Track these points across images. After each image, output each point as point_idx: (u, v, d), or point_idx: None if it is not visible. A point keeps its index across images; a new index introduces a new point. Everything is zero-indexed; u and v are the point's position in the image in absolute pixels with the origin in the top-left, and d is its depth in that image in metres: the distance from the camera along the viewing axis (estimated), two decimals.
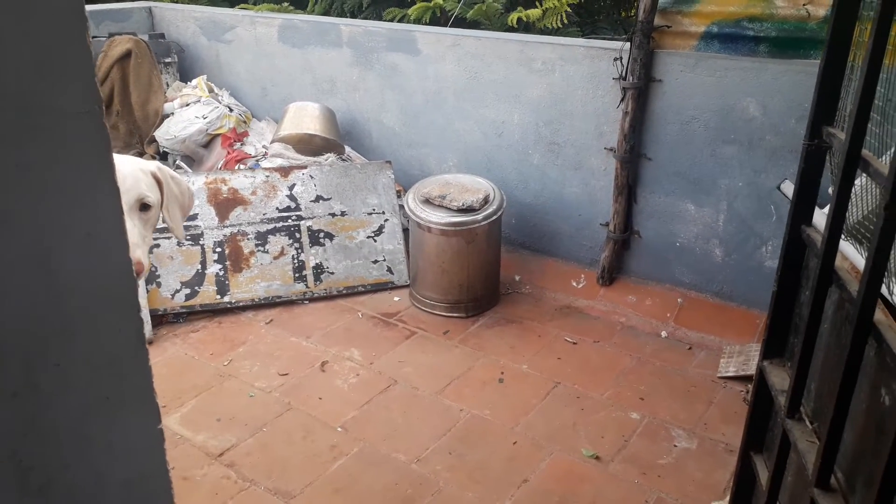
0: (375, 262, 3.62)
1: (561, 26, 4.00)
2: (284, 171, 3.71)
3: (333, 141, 4.02)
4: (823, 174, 1.36)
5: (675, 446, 2.46)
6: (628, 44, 3.05)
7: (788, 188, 2.69)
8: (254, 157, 4.18)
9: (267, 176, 3.68)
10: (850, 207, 1.17)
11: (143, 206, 1.80)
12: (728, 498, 2.09)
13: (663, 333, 3.15)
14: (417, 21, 4.27)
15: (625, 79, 3.09)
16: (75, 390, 0.96)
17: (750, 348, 2.89)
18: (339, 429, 2.58)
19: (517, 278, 3.60)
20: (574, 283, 3.49)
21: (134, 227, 1.75)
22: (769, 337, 1.31)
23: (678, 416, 2.61)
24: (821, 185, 1.51)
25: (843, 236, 1.11)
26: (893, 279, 1.03)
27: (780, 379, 1.27)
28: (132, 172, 1.78)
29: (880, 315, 0.92)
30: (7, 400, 0.88)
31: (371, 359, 3.00)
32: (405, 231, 3.67)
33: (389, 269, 3.63)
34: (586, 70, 3.24)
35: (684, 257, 3.23)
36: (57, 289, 0.94)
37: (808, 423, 1.14)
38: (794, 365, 1.15)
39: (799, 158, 2.57)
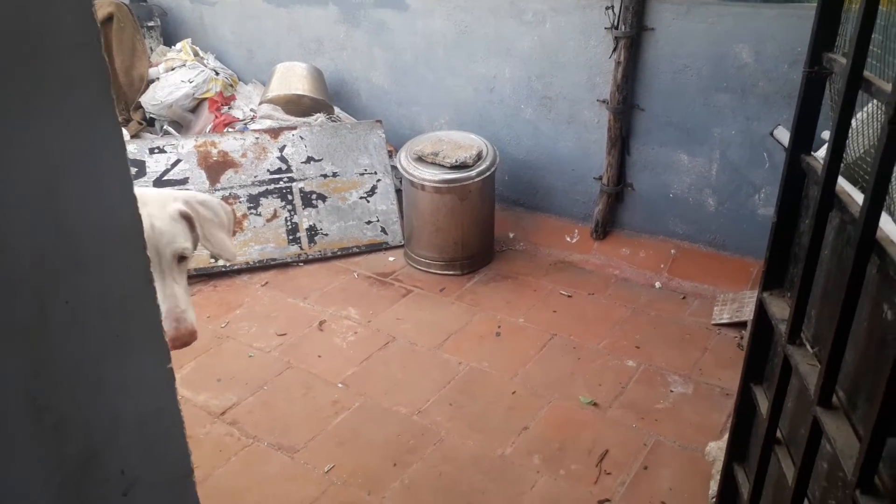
0: (369, 222, 3.61)
1: None
2: (274, 132, 3.67)
3: (322, 101, 3.97)
4: (819, 121, 1.35)
5: (672, 391, 2.50)
6: None
7: (782, 134, 2.69)
8: (242, 120, 4.13)
9: (257, 138, 3.64)
10: (846, 147, 1.17)
11: (181, 258, 1.64)
12: (727, 435, 2.13)
13: (657, 284, 3.17)
14: None
15: (617, 28, 3.05)
16: (86, 328, 0.96)
17: (743, 295, 2.92)
18: (340, 385, 2.59)
19: (511, 235, 3.60)
20: (568, 239, 3.50)
21: (179, 287, 1.61)
22: (769, 268, 1.32)
23: (674, 363, 2.64)
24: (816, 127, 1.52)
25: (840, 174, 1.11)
26: (894, 201, 1.04)
27: (779, 308, 1.28)
28: (165, 225, 1.61)
29: (881, 233, 0.92)
30: (20, 338, 0.87)
31: (368, 317, 3.01)
32: (398, 191, 3.65)
33: (383, 230, 3.63)
34: (578, 20, 3.20)
35: (677, 208, 3.23)
36: (65, 225, 0.92)
37: (808, 347, 1.16)
38: (794, 291, 1.16)
39: (794, 100, 2.57)
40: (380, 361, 2.73)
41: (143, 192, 1.61)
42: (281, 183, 3.57)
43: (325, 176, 3.63)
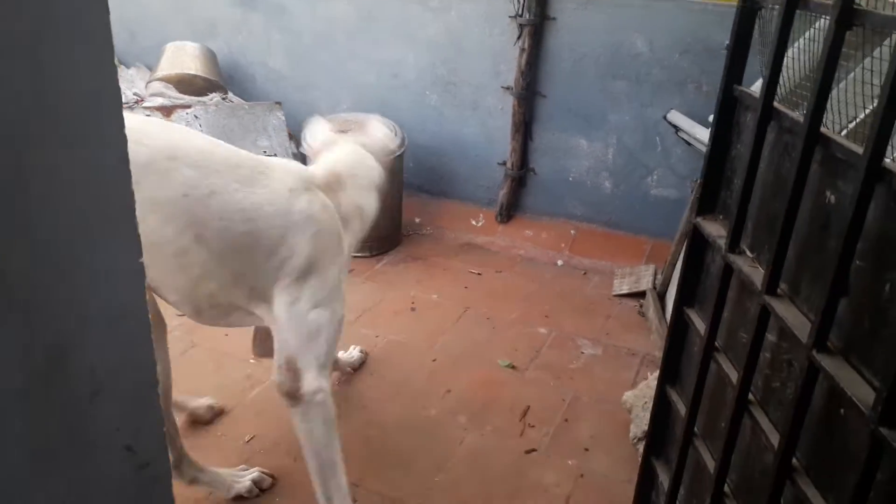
0: None
1: None
2: (167, 110, 3.47)
3: (216, 82, 3.82)
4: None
5: (583, 353, 2.61)
6: None
7: (675, 117, 2.93)
8: (126, 104, 3.87)
9: (148, 115, 3.42)
10: (781, 77, 1.30)
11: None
12: (642, 384, 2.26)
13: (559, 262, 3.32)
14: None
15: (521, 16, 3.19)
16: (61, 203, 0.87)
17: (639, 270, 3.12)
18: (252, 360, 2.48)
19: (417, 220, 3.63)
20: (473, 222, 3.57)
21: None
22: (703, 194, 1.43)
23: (582, 329, 2.77)
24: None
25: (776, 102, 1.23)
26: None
27: (715, 229, 1.39)
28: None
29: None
30: None
31: None
32: None
33: None
34: (482, 8, 3.31)
35: (576, 191, 3.41)
36: (47, 89, 0.85)
37: (748, 254, 1.27)
38: (733, 206, 1.27)
39: (685, 86, 2.77)
40: None
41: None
42: None
43: None
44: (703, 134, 2.59)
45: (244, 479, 1.89)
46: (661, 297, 2.85)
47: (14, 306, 0.82)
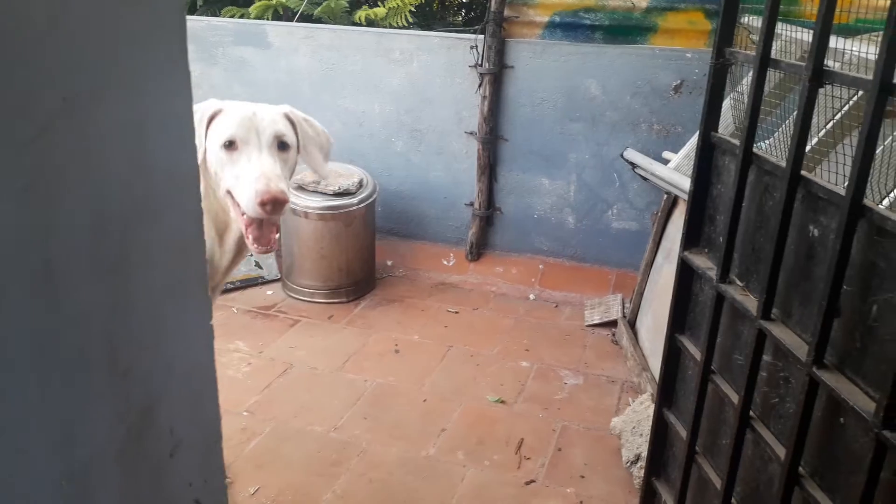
0: None
1: (406, 25, 4.21)
2: None
3: None
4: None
5: (566, 384, 2.73)
6: (482, 34, 3.33)
7: (631, 155, 3.12)
8: None
9: None
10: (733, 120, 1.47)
11: (281, 145, 1.71)
12: (627, 410, 2.38)
13: (531, 296, 3.45)
14: (259, 19, 4.23)
15: (481, 65, 3.36)
16: (154, 271, 0.95)
17: (607, 299, 3.27)
18: (245, 413, 2.49)
19: (389, 263, 3.71)
20: (445, 262, 3.68)
21: (275, 162, 1.67)
22: (688, 230, 1.58)
23: (561, 360, 2.88)
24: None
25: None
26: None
27: (702, 261, 1.53)
28: (266, 113, 1.73)
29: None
30: (105, 274, 0.85)
31: (259, 348, 2.92)
32: None
33: (258, 265, 3.55)
34: (443, 59, 3.47)
35: (542, 227, 3.56)
36: (145, 168, 0.93)
37: (738, 283, 1.41)
38: (718, 240, 1.41)
39: (638, 126, 2.97)
40: (282, 387, 2.66)
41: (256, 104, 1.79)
42: None
43: None
44: (660, 170, 2.78)
45: None
46: (632, 325, 3.00)
47: (116, 371, 0.88)
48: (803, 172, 1.19)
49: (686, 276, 1.60)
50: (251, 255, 3.52)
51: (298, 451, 2.29)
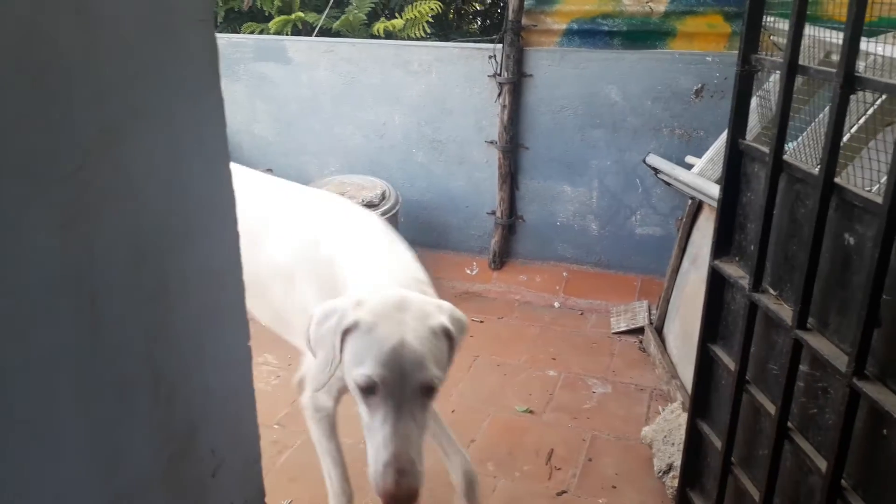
0: None
1: (424, 35, 4.23)
2: None
3: None
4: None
5: (594, 392, 2.71)
6: (500, 44, 3.34)
7: (654, 160, 3.11)
8: None
9: None
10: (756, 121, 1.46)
11: (427, 389, 1.30)
12: (658, 418, 2.37)
13: (556, 304, 3.43)
14: (278, 34, 4.28)
15: (500, 75, 3.37)
16: (193, 298, 0.96)
17: (633, 306, 3.25)
18: (276, 426, 2.51)
19: None
20: (468, 271, 3.68)
21: (415, 427, 1.30)
22: (718, 239, 1.57)
23: (589, 368, 2.87)
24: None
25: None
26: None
27: (733, 270, 1.52)
28: (422, 343, 1.27)
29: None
30: (145, 303, 0.87)
31: (288, 360, 2.94)
32: None
33: None
34: (462, 69, 3.48)
35: (564, 234, 3.55)
36: (182, 198, 0.94)
37: (771, 292, 1.40)
38: (749, 249, 1.40)
39: (659, 132, 2.96)
40: None
41: (405, 294, 1.36)
42: None
43: None
44: (684, 175, 2.76)
45: None
46: (659, 332, 2.97)
47: (159, 397, 0.89)
48: (837, 180, 1.18)
49: (717, 285, 1.59)
50: None
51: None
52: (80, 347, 0.80)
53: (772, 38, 1.53)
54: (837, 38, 1.14)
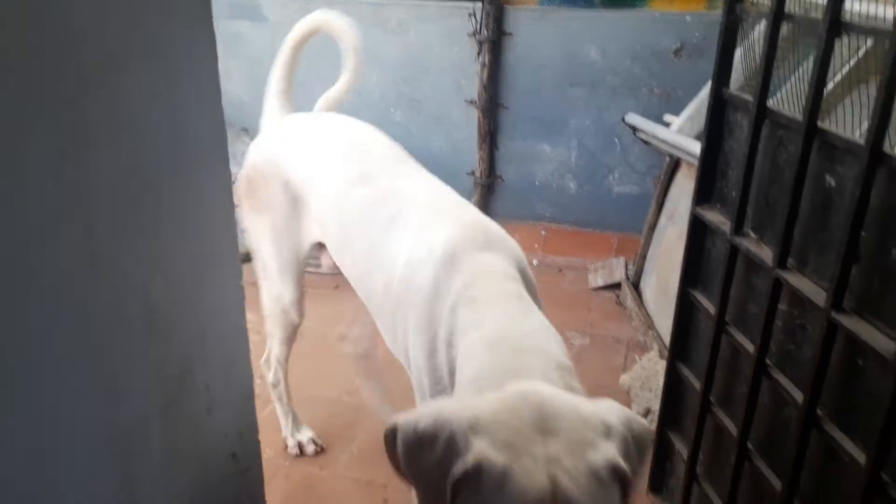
0: (244, 230, 3.52)
1: None
2: None
3: None
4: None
5: (573, 344, 2.78)
6: (480, 2, 3.31)
7: (633, 119, 3.14)
8: None
9: None
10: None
11: None
12: (635, 366, 2.44)
13: (535, 262, 3.48)
14: None
15: (479, 33, 3.35)
16: (188, 237, 0.97)
17: (611, 263, 3.31)
18: (258, 380, 2.52)
19: None
20: None
21: None
22: (700, 187, 1.60)
23: (568, 322, 2.93)
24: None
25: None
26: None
27: (714, 216, 1.56)
28: (582, 492, 0.83)
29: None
30: (140, 237, 0.87)
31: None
32: None
33: None
34: (441, 28, 3.45)
35: (543, 194, 3.58)
36: (176, 136, 0.94)
37: (752, 235, 1.44)
38: (738, 192, 1.44)
39: (638, 91, 2.99)
40: (293, 355, 2.69)
41: (545, 397, 0.90)
42: None
43: None
44: (662, 133, 2.80)
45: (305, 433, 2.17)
46: (636, 286, 3.04)
47: (156, 330, 0.91)
48: (819, 123, 1.22)
49: (698, 232, 1.63)
50: None
51: (313, 415, 2.33)
52: (80, 278, 0.81)
53: None
54: None
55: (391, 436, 0.94)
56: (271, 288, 2.07)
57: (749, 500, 1.48)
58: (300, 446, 2.19)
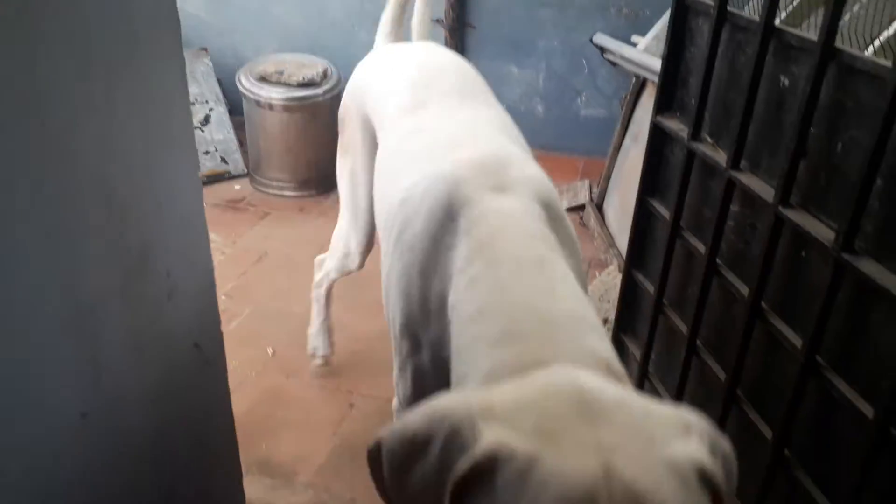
0: (207, 152, 3.46)
1: None
2: None
3: None
4: None
5: None
6: None
7: (601, 39, 3.12)
8: None
9: None
10: None
11: None
12: (594, 282, 2.50)
13: None
14: None
15: None
16: (142, 114, 0.96)
17: (576, 185, 3.34)
18: (223, 297, 2.53)
19: None
20: None
21: None
22: (661, 95, 1.62)
23: None
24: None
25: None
26: None
27: (674, 124, 1.58)
28: (658, 490, 0.58)
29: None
30: (93, 112, 0.86)
31: (233, 238, 2.94)
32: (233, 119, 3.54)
33: (223, 160, 3.50)
34: None
35: (511, 117, 3.56)
36: (127, 10, 0.92)
37: (708, 140, 1.47)
38: (693, 99, 1.46)
39: (607, 10, 2.96)
40: (259, 274, 2.71)
41: (588, 382, 0.66)
42: None
43: None
44: (630, 52, 2.79)
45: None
46: (599, 208, 3.09)
47: (113, 212, 0.91)
48: (777, 24, 1.23)
49: (657, 140, 1.66)
50: (216, 150, 3.46)
51: (280, 329, 2.37)
52: (32, 155, 0.80)
53: None
54: None
55: (374, 454, 0.69)
56: (341, 231, 1.99)
57: (696, 392, 1.56)
58: (314, 351, 2.21)
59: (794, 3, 1.51)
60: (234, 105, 3.51)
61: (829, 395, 1.14)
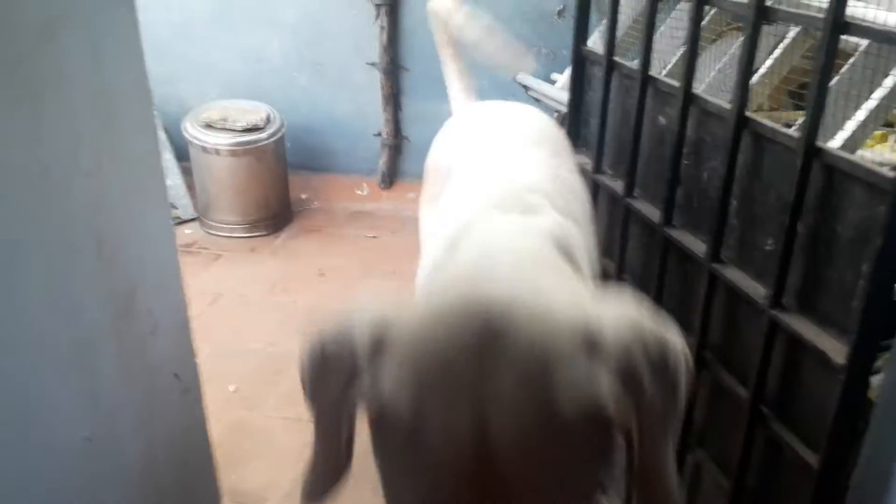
0: None
1: None
2: None
3: None
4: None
5: None
6: None
7: (523, 78, 3.37)
8: None
9: None
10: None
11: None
12: None
13: None
14: None
15: None
16: (124, 175, 1.12)
17: None
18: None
19: (304, 196, 3.85)
20: (359, 192, 3.86)
21: None
22: (569, 134, 1.85)
23: None
24: None
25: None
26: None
27: (581, 159, 1.81)
28: (569, 370, 0.64)
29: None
30: (85, 177, 1.02)
31: (187, 281, 3.03)
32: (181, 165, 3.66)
33: (173, 205, 3.61)
34: None
35: None
36: (105, 88, 1.08)
37: (608, 172, 1.70)
38: (594, 136, 1.69)
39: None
40: (214, 314, 2.82)
41: (513, 299, 0.67)
42: None
43: None
44: (549, 90, 3.05)
45: None
46: None
47: (103, 259, 1.07)
48: (651, 73, 1.47)
49: None
50: None
51: (240, 367, 2.49)
52: (35, 212, 0.96)
53: None
54: None
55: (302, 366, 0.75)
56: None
57: None
58: None
59: (676, 58, 1.77)
60: (180, 150, 3.63)
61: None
